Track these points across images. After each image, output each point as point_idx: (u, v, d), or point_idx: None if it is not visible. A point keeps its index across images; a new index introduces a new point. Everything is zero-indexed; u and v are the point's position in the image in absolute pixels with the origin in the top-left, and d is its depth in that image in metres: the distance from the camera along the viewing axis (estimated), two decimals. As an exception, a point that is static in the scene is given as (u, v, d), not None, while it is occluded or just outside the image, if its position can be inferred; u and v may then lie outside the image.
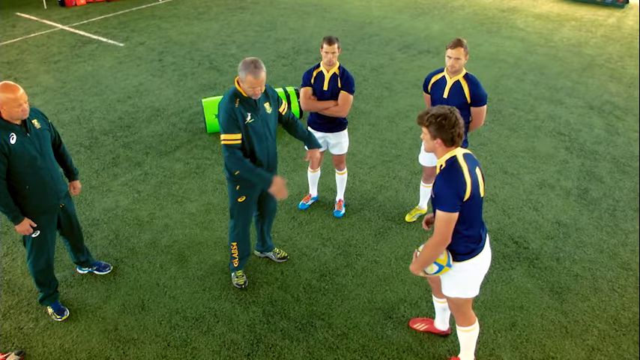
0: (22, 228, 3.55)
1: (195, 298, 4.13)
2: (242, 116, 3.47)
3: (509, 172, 5.68)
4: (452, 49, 3.89)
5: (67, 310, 3.99)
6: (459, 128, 2.70)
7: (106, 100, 7.35)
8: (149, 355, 3.67)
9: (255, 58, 3.40)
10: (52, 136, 3.72)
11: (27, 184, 3.48)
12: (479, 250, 2.98)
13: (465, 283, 3.08)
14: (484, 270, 3.11)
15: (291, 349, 3.69)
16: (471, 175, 2.76)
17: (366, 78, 7.99)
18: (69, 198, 3.93)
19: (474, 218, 2.89)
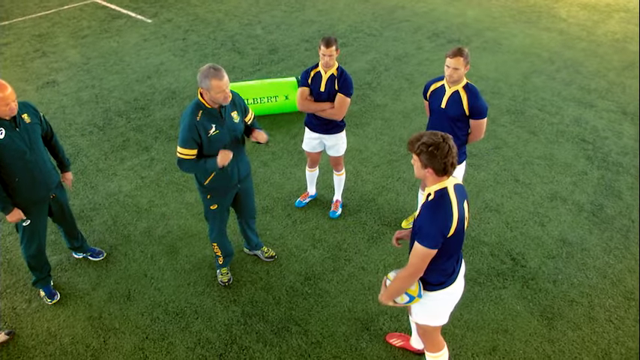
0: (12, 218, 3.68)
1: (179, 292, 4.20)
2: (205, 129, 3.41)
3: (522, 180, 5.41)
4: (450, 59, 3.67)
5: (58, 295, 4.15)
6: (451, 157, 2.50)
7: (125, 79, 7.46)
8: (127, 346, 3.78)
9: (211, 63, 3.32)
10: (44, 129, 3.79)
11: (16, 176, 3.57)
12: (449, 283, 2.85)
13: (435, 312, 2.99)
14: (454, 301, 2.99)
15: (263, 354, 3.71)
16: (459, 209, 2.61)
17: (387, 67, 7.74)
18: (61, 188, 4.02)
19: (452, 253, 2.76)
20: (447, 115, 3.86)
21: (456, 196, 2.60)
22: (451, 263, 2.81)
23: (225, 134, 3.52)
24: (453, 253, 2.77)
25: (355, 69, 7.70)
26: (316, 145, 4.64)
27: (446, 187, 2.58)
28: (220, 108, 3.46)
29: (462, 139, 3.96)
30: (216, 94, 3.28)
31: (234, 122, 3.57)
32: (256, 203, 5.08)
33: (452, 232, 2.58)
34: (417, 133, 2.57)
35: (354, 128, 6.30)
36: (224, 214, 3.97)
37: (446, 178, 2.59)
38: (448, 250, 2.69)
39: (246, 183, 3.93)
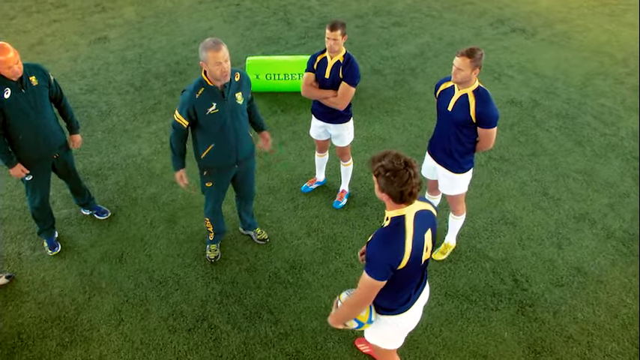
0: (15, 172, 3.89)
1: (167, 261, 4.29)
2: (203, 107, 3.40)
3: (551, 194, 4.94)
4: (457, 57, 3.34)
5: (59, 247, 4.39)
6: (410, 187, 2.25)
7: (172, 41, 7.59)
8: (107, 306, 3.94)
9: (213, 38, 3.26)
10: (53, 92, 3.93)
11: (20, 135, 3.75)
12: (400, 311, 2.65)
13: (385, 336, 2.82)
14: (406, 329, 2.80)
15: (229, 336, 3.73)
16: (415, 241, 2.39)
17: (437, 53, 7.28)
18: (66, 149, 4.16)
19: (407, 283, 2.57)
20: (452, 119, 3.55)
21: (414, 227, 2.38)
22: (405, 293, 2.61)
23: (225, 114, 3.48)
24: (407, 284, 2.56)
25: (402, 52, 7.31)
26: (321, 133, 4.48)
27: (404, 216, 2.36)
28: (223, 87, 3.41)
29: (468, 147, 3.63)
30: (213, 66, 3.23)
31: (237, 103, 3.52)
32: (264, 182, 5.06)
33: (403, 265, 2.37)
34: (382, 152, 2.32)
35: (384, 115, 6.02)
36: (219, 194, 3.96)
37: (405, 206, 2.36)
38: (400, 281, 2.50)
39: (245, 165, 3.87)
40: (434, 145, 3.85)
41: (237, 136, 3.63)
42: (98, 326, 3.81)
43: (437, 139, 3.79)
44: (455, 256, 4.33)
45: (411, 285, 2.61)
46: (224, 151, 3.63)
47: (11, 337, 3.72)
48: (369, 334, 2.87)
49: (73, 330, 3.78)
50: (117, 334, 3.76)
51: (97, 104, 6.21)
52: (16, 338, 3.72)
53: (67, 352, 3.64)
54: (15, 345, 3.68)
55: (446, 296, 4.01)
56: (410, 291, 2.62)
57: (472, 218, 4.67)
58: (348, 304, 2.57)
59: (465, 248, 4.40)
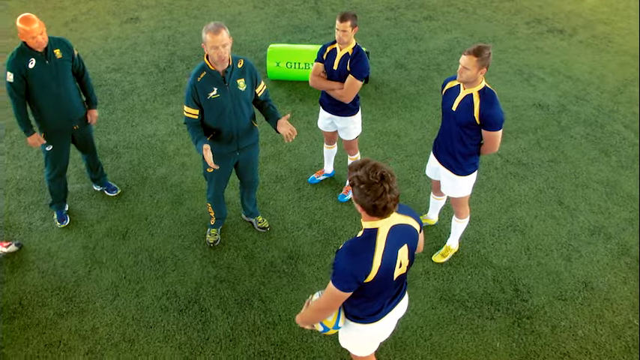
0: (31, 141, 4.04)
1: (168, 241, 4.36)
2: (204, 91, 3.41)
3: (566, 204, 4.73)
4: (463, 56, 3.21)
5: (68, 220, 4.52)
6: (385, 201, 2.13)
7: (199, 24, 7.65)
8: (105, 281, 4.05)
9: (217, 22, 3.25)
10: (76, 66, 4.05)
11: (41, 104, 3.91)
12: (370, 321, 2.57)
13: (355, 342, 2.76)
14: (377, 339, 2.75)
15: (218, 320, 3.77)
16: (386, 256, 2.27)
17: (459, 49, 7.05)
18: (86, 122, 4.29)
19: (378, 295, 2.47)
20: (455, 120, 3.43)
21: (387, 241, 2.27)
22: (376, 304, 2.51)
23: (226, 99, 3.49)
24: (379, 296, 2.47)
25: (430, 47, 7.13)
26: (328, 125, 4.42)
27: (377, 229, 2.26)
28: (225, 72, 3.41)
29: (471, 149, 3.51)
30: (210, 49, 3.25)
31: (239, 89, 3.51)
32: (272, 170, 5.06)
33: (370, 279, 2.27)
34: (360, 161, 2.21)
35: (402, 110, 5.90)
36: (220, 180, 3.98)
37: (378, 219, 2.25)
38: (371, 293, 2.41)
39: (247, 153, 3.87)
40: (437, 145, 3.73)
41: (239, 123, 3.62)
42: (94, 299, 3.92)
43: (440, 139, 3.67)
44: (456, 259, 4.22)
45: (384, 298, 2.51)
46: (224, 137, 3.63)
47: (13, 303, 3.88)
48: (341, 339, 2.82)
49: (71, 301, 3.90)
50: (111, 309, 3.86)
51: (121, 83, 6.34)
52: (17, 304, 3.87)
53: (62, 321, 3.77)
54: (16, 310, 3.83)
55: (440, 300, 3.91)
56: (382, 303, 2.53)
57: (479, 222, 4.53)
58: (313, 308, 2.51)
59: (467, 252, 4.27)
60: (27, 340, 3.65)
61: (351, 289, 2.29)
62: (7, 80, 3.74)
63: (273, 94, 6.19)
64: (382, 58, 6.88)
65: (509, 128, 5.60)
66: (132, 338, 3.67)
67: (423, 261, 4.20)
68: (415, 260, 4.19)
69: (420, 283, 4.03)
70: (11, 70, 3.72)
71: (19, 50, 3.75)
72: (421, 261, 4.20)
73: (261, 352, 3.58)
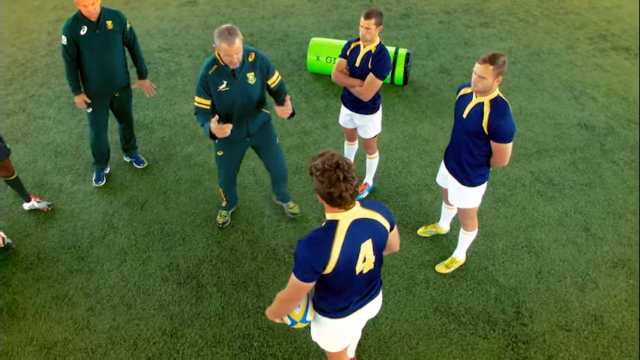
0: (77, 100, 4.38)
1: (180, 217, 4.53)
2: (215, 84, 3.53)
3: (592, 231, 4.44)
4: (479, 64, 3.09)
5: (104, 181, 4.81)
6: (339, 190, 2.15)
7: (253, 13, 7.82)
8: (117, 245, 4.28)
9: (230, 25, 3.31)
10: (127, 38, 4.32)
11: (87, 69, 4.23)
12: (336, 317, 2.58)
13: (323, 337, 2.76)
14: (345, 336, 2.73)
15: (212, 297, 3.88)
16: (346, 248, 2.28)
17: (516, 61, 6.76)
18: (127, 92, 4.57)
19: (345, 291, 2.48)
20: (465, 128, 3.31)
21: (347, 234, 2.27)
22: (344, 300, 2.52)
23: (235, 93, 3.60)
24: (346, 292, 2.48)
25: (479, 54, 6.85)
26: (348, 122, 4.40)
27: (337, 221, 2.27)
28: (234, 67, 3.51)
29: (479, 159, 3.38)
30: (224, 56, 3.37)
31: (249, 83, 3.61)
32: (294, 161, 5.11)
33: (329, 271, 2.28)
34: (321, 152, 2.26)
35: (436, 116, 5.76)
36: (231, 165, 4.08)
37: (338, 211, 2.26)
38: (334, 287, 2.42)
39: (259, 138, 3.95)
40: (447, 153, 3.63)
41: (248, 113, 3.73)
42: (103, 262, 4.15)
43: (450, 147, 3.57)
44: (460, 272, 4.08)
45: (351, 293, 2.51)
46: (234, 124, 3.70)
47: (32, 255, 4.19)
48: (312, 332, 2.83)
49: (82, 260, 4.15)
50: (116, 272, 4.07)
51: (168, 63, 6.62)
52: (35, 257, 4.17)
53: (71, 277, 4.02)
54: (32, 262, 4.13)
55: (435, 311, 3.81)
56: (349, 299, 2.53)
57: (493, 238, 4.36)
58: (279, 298, 2.53)
59: (474, 267, 4.13)
60: (37, 291, 3.93)
61: (311, 280, 2.31)
62: (62, 43, 4.10)
63: (310, 86, 6.24)
64: (426, 62, 6.74)
65: (545, 145, 5.33)
66: (130, 302, 3.86)
67: (425, 269, 4.10)
68: (417, 268, 4.13)
69: (417, 291, 3.95)
70: (65, 34, 4.07)
71: (74, 17, 4.08)
72: (423, 269, 4.10)
73: (247, 335, 3.65)
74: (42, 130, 5.48)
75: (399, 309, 3.82)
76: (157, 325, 3.71)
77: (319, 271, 2.27)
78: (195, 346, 3.59)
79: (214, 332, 3.67)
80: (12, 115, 5.68)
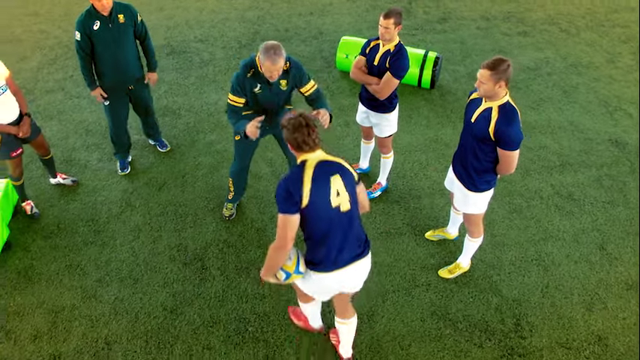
0: (94, 94, 4.51)
1: (195, 200, 4.67)
2: (250, 86, 3.70)
3: (608, 250, 4.28)
4: (480, 69, 3.06)
5: (129, 169, 4.98)
6: (302, 135, 2.62)
7: (290, 9, 7.93)
8: (132, 222, 4.47)
9: (276, 43, 3.43)
10: (138, 31, 4.43)
11: (101, 63, 4.33)
12: (321, 270, 2.81)
13: (310, 285, 2.99)
14: (332, 289, 2.99)
15: (214, 280, 4.00)
16: (316, 180, 2.64)
17: (552, 72, 6.56)
18: (142, 85, 4.67)
19: (325, 236, 2.73)
20: (472, 132, 3.28)
21: (314, 169, 2.65)
22: (326, 250, 2.76)
23: (267, 96, 3.78)
24: (327, 237, 2.73)
25: (515, 63, 6.72)
26: (364, 119, 4.42)
27: (305, 160, 2.69)
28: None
29: (485, 165, 3.33)
30: (265, 71, 3.53)
31: (281, 89, 3.79)
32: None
33: (306, 202, 2.61)
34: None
35: (460, 121, 5.65)
36: (246, 153, 4.19)
37: (305, 153, 2.68)
38: (314, 230, 2.72)
39: (279, 129, 4.01)
40: (455, 157, 3.60)
41: (276, 112, 3.91)
42: (117, 236, 4.33)
43: (458, 151, 3.54)
44: (464, 279, 4.03)
45: (333, 241, 2.74)
46: (267, 121, 3.84)
47: (52, 225, 4.43)
48: (300, 284, 3.04)
49: (98, 233, 4.36)
50: (128, 248, 4.25)
51: (202, 53, 6.81)
52: (55, 226, 4.41)
53: (85, 248, 4.23)
54: (52, 231, 4.37)
55: (432, 315, 3.78)
56: (333, 249, 2.75)
57: (502, 248, 4.28)
58: (271, 247, 2.73)
59: (478, 275, 4.07)
60: (53, 258, 4.15)
61: (293, 210, 2.62)
62: (75, 38, 4.19)
63: (338, 84, 6.28)
64: (458, 67, 6.65)
65: (570, 159, 5.17)
66: (136, 277, 4.02)
67: (428, 272, 4.08)
68: (419, 270, 4.11)
69: (417, 293, 3.93)
70: (79, 30, 4.15)
71: (87, 12, 4.16)
72: (426, 272, 4.08)
73: (243, 319, 3.74)
74: (76, 109, 5.77)
75: (395, 309, 3.82)
76: (159, 301, 3.85)
77: (297, 200, 2.61)
78: (193, 324, 3.71)
79: (212, 313, 3.78)
80: (50, 93, 6.01)
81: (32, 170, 4.91)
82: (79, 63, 4.33)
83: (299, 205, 2.61)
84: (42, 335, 3.63)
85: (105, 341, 3.60)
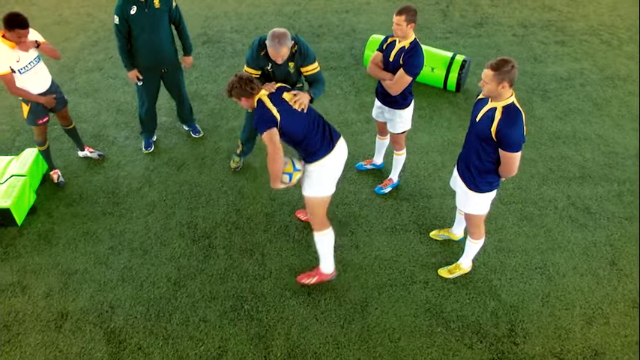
0: (130, 75, 4.75)
1: (211, 183, 4.86)
2: (263, 64, 3.88)
3: (619, 266, 4.16)
4: (485, 69, 3.07)
5: (152, 148, 5.23)
6: (241, 88, 3.40)
7: (327, 6, 8.03)
8: (148, 198, 4.70)
9: (283, 32, 3.60)
10: (173, 16, 4.63)
11: (137, 46, 4.56)
12: (321, 155, 3.51)
13: (317, 184, 3.59)
14: (332, 171, 3.61)
15: (218, 258, 4.16)
16: (275, 102, 3.42)
17: (585, 83, 6.38)
18: (175, 68, 4.88)
19: (303, 134, 3.44)
20: (475, 131, 3.29)
21: (269, 98, 3.44)
22: (318, 138, 3.49)
23: (279, 74, 3.93)
24: (308, 133, 3.46)
25: (547, 72, 6.60)
26: (379, 114, 4.48)
27: (260, 98, 3.45)
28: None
29: (487, 165, 3.33)
30: (270, 54, 3.71)
31: (288, 69, 3.92)
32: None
33: (279, 118, 3.36)
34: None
35: (482, 127, 5.63)
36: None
37: (253, 98, 3.45)
38: (297, 134, 3.44)
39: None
40: (460, 156, 3.60)
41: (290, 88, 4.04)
42: (133, 210, 4.56)
43: (463, 150, 3.55)
44: (463, 280, 4.02)
45: (317, 130, 3.50)
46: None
47: (75, 194, 4.71)
48: (305, 189, 3.65)
49: (117, 205, 4.60)
50: (142, 221, 4.46)
51: (236, 44, 7.02)
52: (78, 196, 4.69)
53: (103, 218, 4.48)
54: (75, 200, 4.65)
55: (426, 312, 3.80)
56: (321, 135, 3.51)
57: (508, 254, 4.23)
58: (268, 160, 3.41)
59: (478, 278, 4.05)
60: (72, 225, 4.42)
61: (271, 125, 3.35)
62: (114, 22, 4.43)
63: (363, 81, 6.34)
64: (488, 72, 6.57)
65: (592, 172, 5.04)
66: (146, 249, 4.23)
67: (427, 270, 4.09)
68: (419, 267, 4.14)
69: (413, 289, 3.95)
70: (117, 14, 4.39)
71: None
72: (426, 270, 4.10)
73: (240, 297, 3.88)
74: (111, 88, 6.08)
75: (390, 302, 3.86)
76: (164, 273, 4.04)
77: (274, 120, 3.36)
78: (193, 297, 3.87)
79: (212, 289, 3.93)
80: (90, 72, 6.36)
81: (63, 142, 5.23)
82: (117, 45, 4.56)
83: (275, 121, 3.36)
84: (53, 294, 3.89)
85: (109, 305, 3.82)
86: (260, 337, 3.63)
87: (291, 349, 3.56)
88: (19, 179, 4.40)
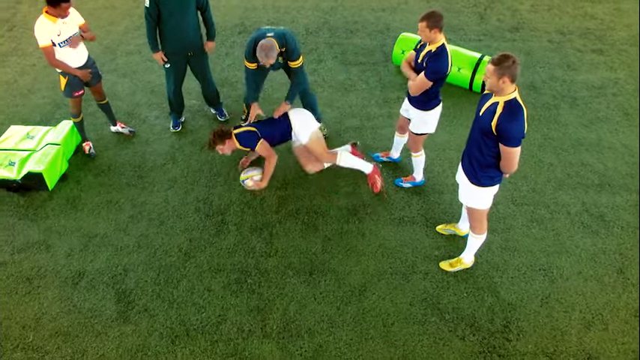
0: (156, 57, 5.01)
1: (229, 164, 5.07)
2: (257, 60, 4.48)
3: (626, 275, 4.09)
4: (488, 64, 3.11)
5: (180, 127, 5.51)
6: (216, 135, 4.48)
7: (363, 3, 8.13)
8: (170, 174, 4.97)
9: (269, 45, 4.26)
10: (200, 2, 4.85)
11: (165, 29, 4.81)
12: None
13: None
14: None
15: (229, 233, 4.38)
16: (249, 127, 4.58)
17: (618, 93, 6.21)
18: (201, 52, 5.10)
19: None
20: (479, 125, 3.34)
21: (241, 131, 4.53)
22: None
23: (271, 67, 4.63)
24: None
25: (579, 79, 6.47)
26: (404, 111, 4.54)
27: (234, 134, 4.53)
28: None
29: (488, 160, 3.38)
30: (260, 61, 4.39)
31: (280, 63, 4.61)
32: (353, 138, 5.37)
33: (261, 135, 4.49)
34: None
35: (503, 129, 5.60)
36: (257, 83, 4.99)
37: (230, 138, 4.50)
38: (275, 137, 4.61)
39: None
40: (465, 149, 3.65)
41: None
42: (155, 183, 4.84)
43: (467, 143, 3.60)
44: (464, 275, 4.07)
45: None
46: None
47: (104, 165, 5.04)
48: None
49: (141, 178, 4.89)
50: (162, 195, 4.73)
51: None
52: (106, 167, 5.02)
53: (127, 189, 4.78)
54: (103, 171, 4.97)
55: (422, 301, 3.87)
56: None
57: (512, 253, 4.24)
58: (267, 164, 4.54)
59: (479, 274, 4.08)
60: (98, 193, 4.74)
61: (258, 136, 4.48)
62: (145, 5, 4.69)
63: (390, 78, 6.42)
64: (517, 76, 6.52)
65: (612, 181, 4.95)
66: (163, 220, 4.49)
67: (429, 262, 4.16)
68: (421, 259, 4.23)
69: (413, 279, 4.03)
70: None
71: None
72: (427, 261, 4.16)
73: (245, 271, 4.07)
74: (147, 71, 6.41)
75: (388, 289, 3.96)
76: (177, 243, 4.28)
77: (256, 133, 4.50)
78: (200, 267, 4.10)
79: (219, 262, 4.14)
80: (130, 55, 6.72)
81: (98, 118, 5.57)
82: (146, 27, 4.82)
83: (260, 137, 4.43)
84: (74, 254, 4.20)
85: (123, 268, 4.09)
86: (259, 309, 3.81)
87: (287, 324, 3.72)
88: (54, 147, 4.76)
